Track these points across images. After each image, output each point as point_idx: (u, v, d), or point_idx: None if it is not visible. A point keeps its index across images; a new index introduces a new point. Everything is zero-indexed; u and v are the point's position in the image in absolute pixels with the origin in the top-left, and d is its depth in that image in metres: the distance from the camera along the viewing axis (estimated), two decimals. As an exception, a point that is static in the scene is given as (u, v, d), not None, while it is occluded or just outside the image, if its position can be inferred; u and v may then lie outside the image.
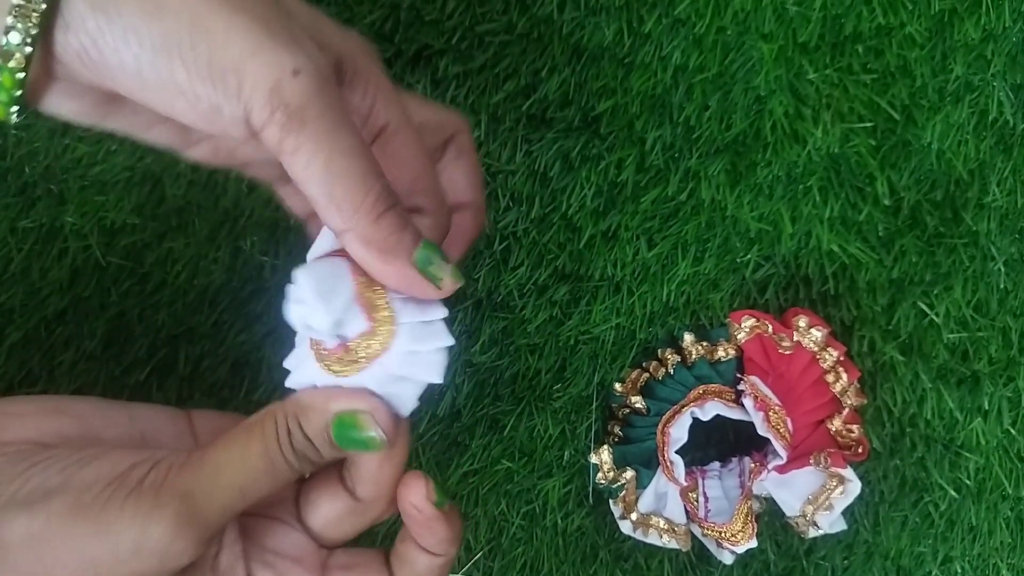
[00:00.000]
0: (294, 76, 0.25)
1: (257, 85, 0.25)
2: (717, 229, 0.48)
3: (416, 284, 0.29)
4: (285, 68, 0.25)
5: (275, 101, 0.25)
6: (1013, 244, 0.49)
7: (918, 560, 0.52)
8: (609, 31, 0.46)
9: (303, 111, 0.25)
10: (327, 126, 0.26)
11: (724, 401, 0.47)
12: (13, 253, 0.46)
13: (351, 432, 0.30)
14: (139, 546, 0.28)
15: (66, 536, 0.28)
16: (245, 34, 0.25)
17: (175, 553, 0.28)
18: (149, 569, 0.28)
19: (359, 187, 0.26)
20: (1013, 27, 0.47)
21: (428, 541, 0.32)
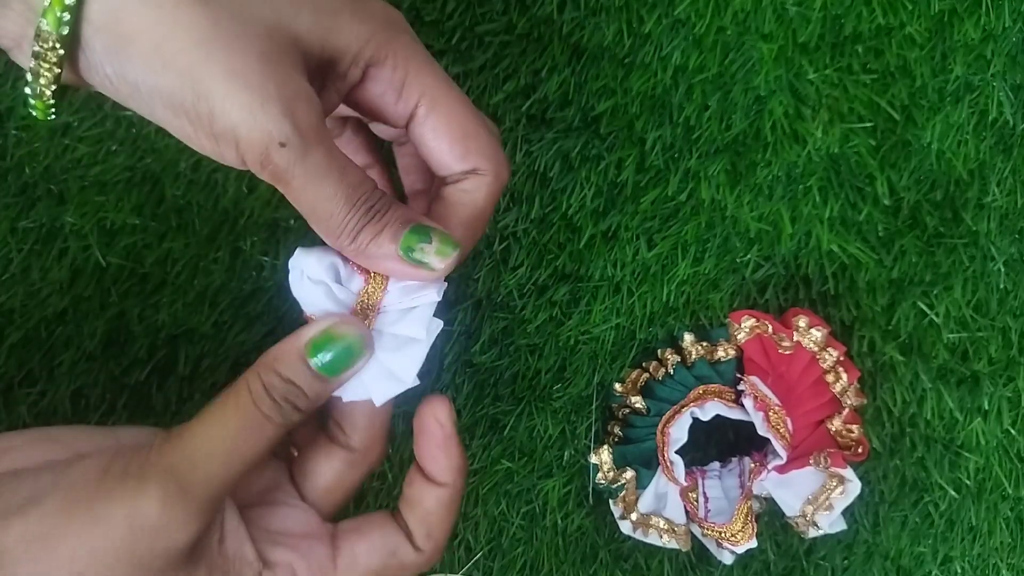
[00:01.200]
0: (280, 147, 0.28)
1: (249, 149, 0.28)
2: (717, 229, 0.48)
3: (409, 273, 0.32)
4: (273, 139, 0.28)
5: (264, 163, 0.28)
6: (1013, 244, 0.49)
7: (918, 560, 0.52)
8: (609, 31, 0.46)
9: (287, 174, 0.29)
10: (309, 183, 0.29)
11: (724, 401, 0.47)
12: (13, 253, 0.46)
13: (328, 347, 0.31)
14: (131, 526, 0.29)
15: (61, 532, 0.29)
16: (240, 102, 0.28)
17: (168, 527, 0.29)
18: (147, 549, 0.29)
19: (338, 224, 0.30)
20: (1013, 27, 0.47)
21: (440, 464, 0.33)
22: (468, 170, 0.33)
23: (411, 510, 0.34)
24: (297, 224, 0.47)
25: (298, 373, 0.31)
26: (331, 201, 0.30)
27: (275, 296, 0.48)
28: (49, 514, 0.29)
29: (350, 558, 0.33)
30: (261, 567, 0.32)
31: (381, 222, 0.31)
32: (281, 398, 0.31)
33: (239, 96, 0.27)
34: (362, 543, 0.34)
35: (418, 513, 0.34)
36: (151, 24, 0.27)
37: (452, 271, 0.32)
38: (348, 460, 0.34)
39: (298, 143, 0.28)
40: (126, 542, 0.29)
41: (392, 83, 0.32)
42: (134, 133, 0.46)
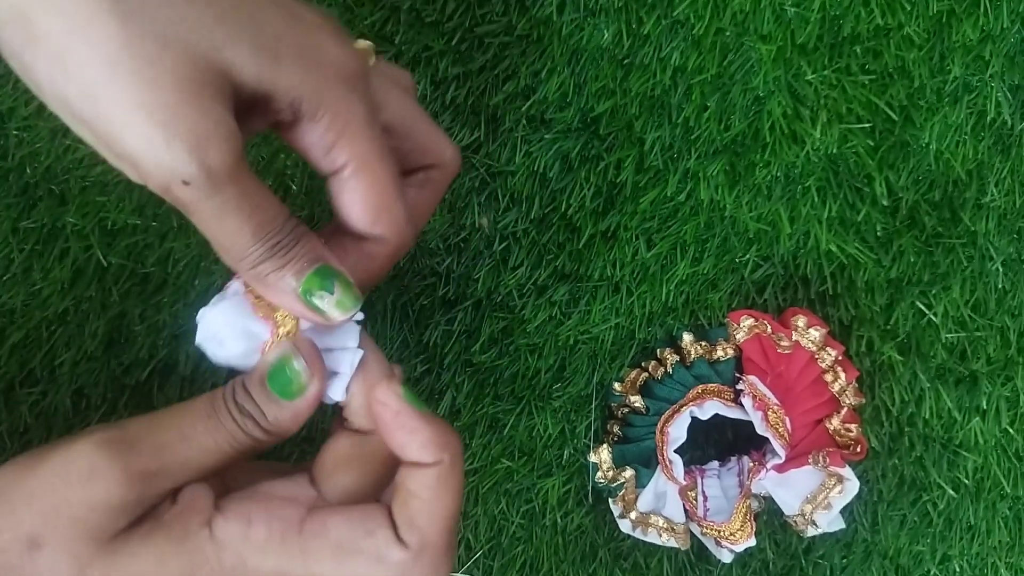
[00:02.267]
0: (184, 184, 0.27)
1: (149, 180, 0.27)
2: (716, 229, 0.48)
3: (305, 315, 0.31)
4: (176, 177, 0.27)
5: (166, 193, 0.28)
6: (1011, 244, 0.49)
7: (916, 559, 0.52)
8: (608, 32, 0.46)
9: (189, 207, 0.28)
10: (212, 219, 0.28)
11: (723, 400, 0.47)
12: (14, 253, 0.46)
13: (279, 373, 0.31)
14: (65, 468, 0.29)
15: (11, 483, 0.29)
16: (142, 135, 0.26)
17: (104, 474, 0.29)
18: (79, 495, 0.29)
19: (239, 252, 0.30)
20: (1011, 28, 0.47)
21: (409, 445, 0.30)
22: (373, 236, 0.33)
23: (395, 496, 0.31)
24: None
25: (256, 388, 0.31)
26: (235, 235, 0.29)
27: (276, 296, 0.48)
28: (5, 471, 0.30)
29: (319, 525, 0.30)
30: (212, 514, 0.30)
31: (285, 258, 0.30)
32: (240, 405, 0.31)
33: (141, 128, 0.26)
34: (337, 515, 0.31)
35: (400, 496, 0.31)
36: (60, 31, 0.25)
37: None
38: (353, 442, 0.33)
39: (203, 183, 0.27)
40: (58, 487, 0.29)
41: (322, 140, 0.31)
42: (135, 134, 0.46)
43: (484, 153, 0.47)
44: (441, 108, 0.47)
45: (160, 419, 0.30)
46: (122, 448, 0.29)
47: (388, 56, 0.46)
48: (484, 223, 0.48)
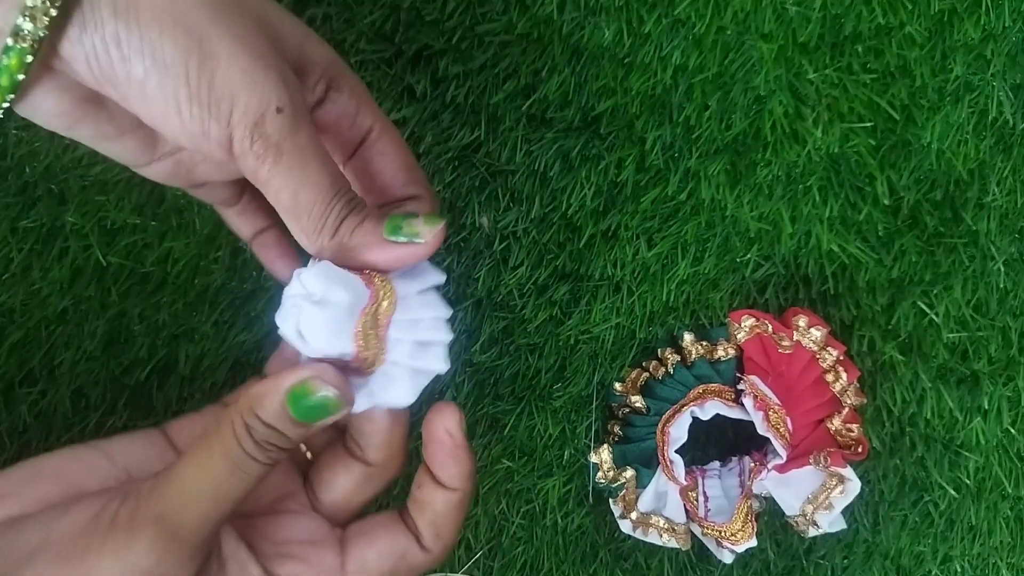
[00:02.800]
0: (277, 113, 0.28)
1: (244, 114, 0.28)
2: (717, 229, 0.48)
3: (402, 255, 0.31)
4: (269, 103, 0.28)
5: (256, 132, 0.28)
6: (1013, 244, 0.49)
7: (918, 559, 0.52)
8: (609, 31, 0.46)
9: (279, 146, 0.28)
10: (297, 161, 0.29)
11: (724, 400, 0.47)
12: (14, 253, 0.46)
13: (306, 400, 0.30)
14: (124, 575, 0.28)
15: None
16: (242, 63, 0.28)
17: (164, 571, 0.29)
18: None
19: (319, 214, 0.30)
20: (1013, 27, 0.47)
21: (450, 472, 0.33)
22: (407, 196, 0.34)
23: (420, 512, 0.34)
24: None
25: (278, 418, 0.30)
26: (317, 186, 0.29)
27: (275, 296, 0.48)
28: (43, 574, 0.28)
29: (359, 563, 0.33)
30: None
31: (362, 212, 0.30)
32: (263, 440, 0.30)
33: (242, 59, 0.27)
34: (371, 548, 0.33)
35: (427, 515, 0.34)
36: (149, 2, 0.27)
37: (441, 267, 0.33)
38: (366, 473, 0.34)
39: (292, 112, 0.28)
40: None
41: (348, 109, 0.33)
42: (134, 133, 0.46)
43: (484, 152, 0.47)
44: (441, 107, 0.47)
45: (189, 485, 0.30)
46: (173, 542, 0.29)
47: (388, 55, 0.46)
48: (484, 222, 0.48)
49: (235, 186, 0.38)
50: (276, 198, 0.29)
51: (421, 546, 0.34)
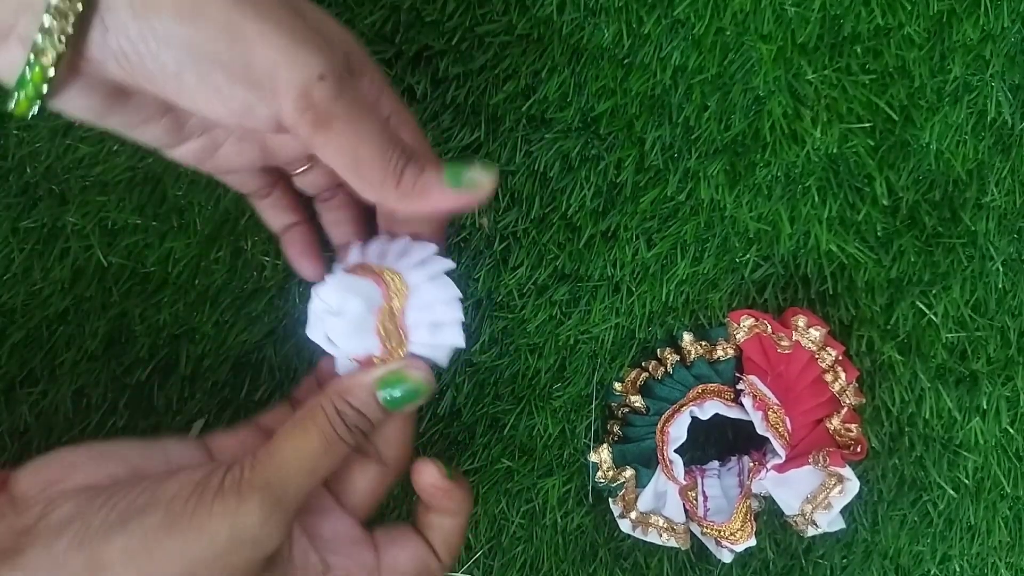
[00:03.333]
0: (320, 80, 0.28)
1: (289, 89, 0.28)
2: (716, 229, 0.48)
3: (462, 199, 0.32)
4: (312, 73, 0.28)
5: (304, 104, 0.28)
6: (1011, 244, 0.49)
7: (917, 559, 0.52)
8: (608, 32, 0.46)
9: (329, 112, 0.29)
10: (350, 123, 0.29)
11: (723, 400, 0.47)
12: (15, 253, 0.46)
13: (397, 386, 0.35)
14: (234, 537, 0.31)
15: (164, 545, 0.30)
16: (275, 40, 0.28)
17: (266, 537, 0.32)
18: (243, 559, 0.31)
19: (381, 166, 0.30)
20: (1011, 28, 0.47)
21: (449, 507, 0.37)
22: None
23: (431, 531, 0.38)
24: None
25: (367, 405, 0.35)
26: (372, 142, 0.30)
27: (276, 296, 0.48)
28: (151, 528, 0.31)
29: (392, 564, 0.37)
30: (324, 569, 0.35)
31: (420, 162, 0.31)
32: (352, 424, 0.34)
33: (275, 37, 0.27)
34: (402, 553, 0.37)
35: (438, 535, 0.38)
36: None
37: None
38: (380, 472, 0.38)
39: (335, 77, 0.28)
40: (226, 552, 0.31)
41: (369, 95, 0.33)
42: (135, 133, 0.46)
43: (484, 153, 0.47)
44: (441, 107, 0.47)
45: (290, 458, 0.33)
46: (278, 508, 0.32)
47: (388, 56, 0.46)
48: (484, 223, 0.48)
49: (265, 176, 0.39)
50: (336, 160, 0.30)
51: (436, 556, 0.38)
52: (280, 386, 0.48)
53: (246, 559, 0.31)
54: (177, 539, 0.31)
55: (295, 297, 0.48)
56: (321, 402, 0.35)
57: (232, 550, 0.31)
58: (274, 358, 0.48)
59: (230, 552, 0.31)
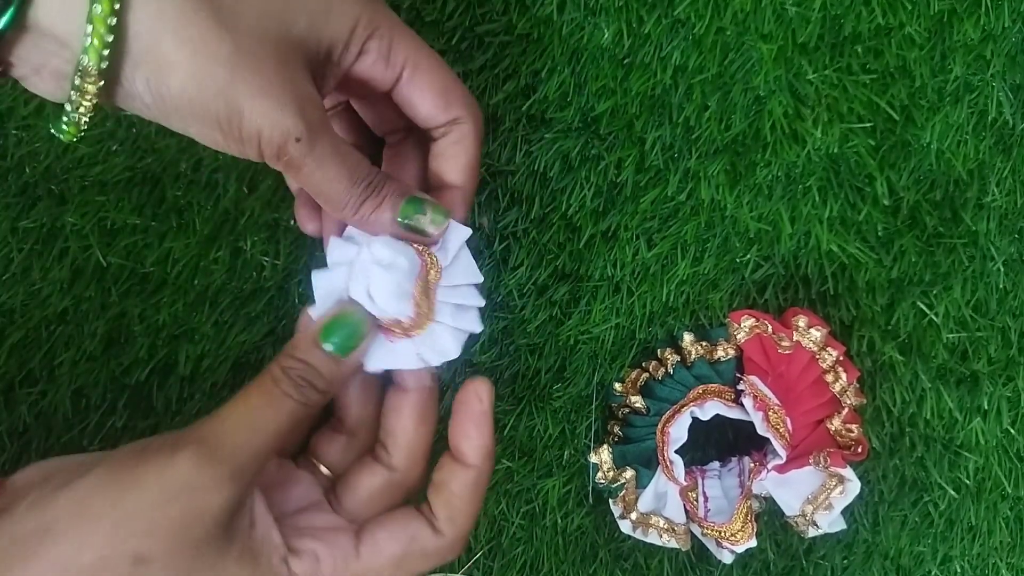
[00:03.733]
0: (296, 141, 0.33)
1: (269, 146, 0.33)
2: (716, 229, 0.48)
3: (407, 236, 0.37)
4: (289, 136, 0.33)
5: (281, 155, 0.34)
6: (1012, 244, 0.49)
7: (917, 559, 0.52)
8: (609, 31, 0.46)
9: (299, 162, 0.34)
10: (317, 168, 0.34)
11: (724, 401, 0.47)
12: (14, 253, 0.46)
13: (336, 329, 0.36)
14: (165, 486, 0.31)
15: (102, 499, 0.31)
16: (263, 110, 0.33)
17: (200, 487, 0.31)
18: (181, 511, 0.31)
19: (343, 200, 0.36)
20: (1012, 27, 0.47)
21: (472, 443, 0.36)
22: (451, 120, 0.38)
23: (437, 493, 0.37)
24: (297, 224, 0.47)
25: (312, 354, 0.35)
26: (335, 182, 0.35)
27: (275, 296, 0.48)
28: (91, 485, 0.31)
29: (372, 546, 0.35)
30: (286, 552, 0.34)
31: (380, 196, 0.36)
32: (298, 377, 0.35)
33: (262, 105, 0.32)
34: (382, 531, 0.36)
35: (443, 495, 0.36)
36: (187, 57, 0.31)
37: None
38: (388, 479, 0.37)
39: (308, 137, 0.33)
40: (161, 503, 0.31)
41: (380, 52, 0.36)
42: (135, 133, 0.46)
43: (484, 152, 0.47)
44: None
45: (229, 416, 0.34)
46: (212, 458, 0.32)
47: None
48: (484, 223, 0.48)
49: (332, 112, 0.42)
50: (306, 189, 0.36)
51: (434, 529, 0.36)
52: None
53: (183, 511, 0.31)
54: (113, 492, 0.31)
55: (295, 298, 0.48)
56: (270, 365, 0.35)
57: (166, 500, 0.31)
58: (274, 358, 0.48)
59: (164, 503, 0.31)
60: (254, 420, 0.33)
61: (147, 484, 0.31)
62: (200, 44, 0.31)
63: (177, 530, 0.31)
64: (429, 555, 0.36)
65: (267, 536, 0.34)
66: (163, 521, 0.31)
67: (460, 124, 0.38)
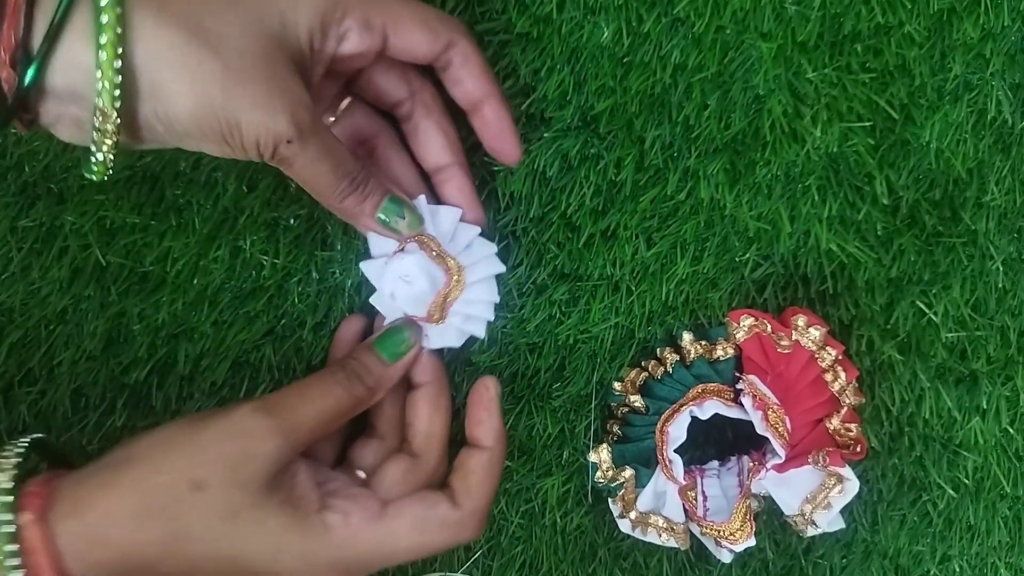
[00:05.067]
0: (287, 143, 0.37)
1: (266, 149, 0.37)
2: (716, 228, 0.48)
3: (383, 233, 0.43)
4: (282, 139, 0.37)
5: (275, 155, 0.38)
6: (1011, 243, 0.49)
7: (916, 559, 0.52)
8: (608, 30, 0.46)
9: (290, 160, 0.38)
10: (307, 167, 0.39)
11: (723, 400, 0.47)
12: (13, 252, 0.46)
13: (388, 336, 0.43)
14: (228, 426, 0.38)
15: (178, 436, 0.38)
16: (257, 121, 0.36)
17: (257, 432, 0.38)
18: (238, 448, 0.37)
19: (329, 190, 0.40)
20: (1012, 26, 0.47)
21: (484, 426, 0.43)
22: (445, 45, 0.41)
23: (456, 471, 0.43)
24: (297, 224, 0.47)
25: (365, 355, 0.42)
26: (323, 176, 0.39)
27: (275, 295, 0.48)
28: (170, 428, 0.39)
29: (396, 509, 0.40)
30: (322, 505, 0.39)
31: (362, 193, 0.41)
32: (351, 370, 0.41)
33: (256, 116, 0.36)
34: (406, 499, 0.41)
35: (460, 472, 0.43)
36: (186, 85, 0.35)
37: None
38: (409, 463, 0.43)
39: (299, 138, 0.37)
40: (221, 440, 0.38)
41: (360, 26, 0.39)
42: (133, 132, 0.46)
43: (483, 152, 0.47)
44: (440, 107, 0.47)
45: (289, 389, 0.40)
46: (270, 412, 0.38)
47: (387, 54, 0.46)
48: (483, 222, 0.48)
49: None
50: (301, 184, 0.40)
51: (453, 502, 0.41)
52: (279, 385, 0.48)
53: (239, 450, 0.37)
54: (186, 431, 0.38)
55: (294, 297, 0.48)
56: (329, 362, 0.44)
57: (226, 439, 0.38)
58: (273, 357, 0.48)
59: (224, 440, 0.38)
60: (308, 394, 0.40)
61: (212, 426, 0.38)
62: (196, 71, 0.35)
63: (231, 465, 0.37)
64: (449, 524, 0.41)
65: (306, 494, 0.39)
66: (220, 456, 0.37)
67: (456, 46, 0.41)
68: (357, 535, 0.39)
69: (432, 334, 0.44)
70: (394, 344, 0.43)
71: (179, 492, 0.37)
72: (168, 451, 0.38)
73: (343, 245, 0.47)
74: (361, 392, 0.41)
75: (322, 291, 0.48)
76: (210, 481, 0.37)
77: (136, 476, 0.37)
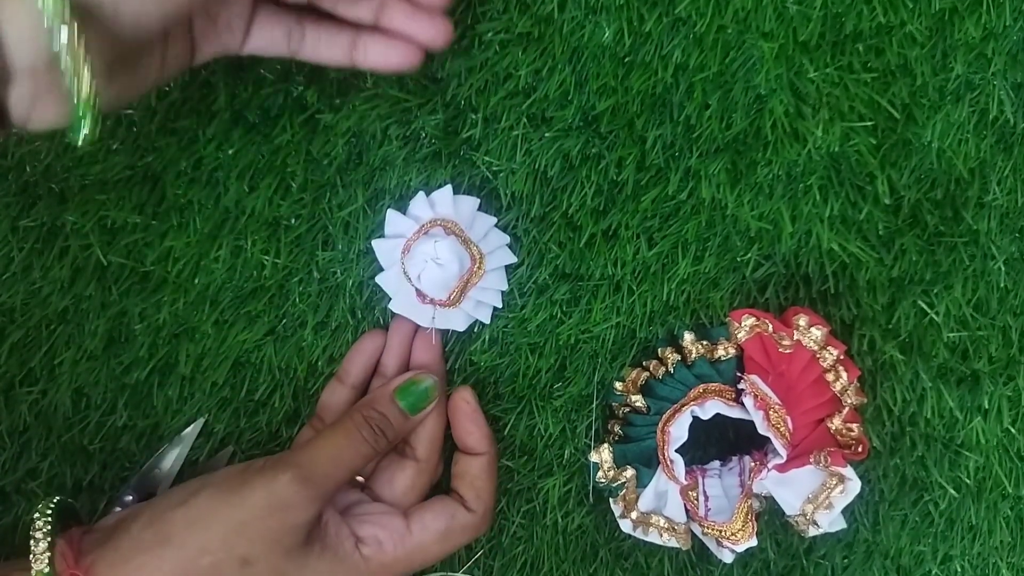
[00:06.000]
0: None
1: None
2: (717, 228, 0.48)
3: None
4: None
5: None
6: (1013, 243, 0.49)
7: (918, 559, 0.52)
8: (609, 30, 0.46)
9: None
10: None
11: (724, 400, 0.47)
12: (14, 252, 0.46)
13: (410, 391, 0.45)
14: (269, 503, 0.39)
15: (214, 514, 0.39)
16: None
17: (297, 504, 0.39)
18: (280, 523, 0.39)
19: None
20: (1014, 26, 0.47)
21: (473, 436, 0.46)
22: None
23: (460, 480, 0.46)
24: (298, 223, 0.47)
25: (388, 408, 0.44)
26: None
27: (276, 295, 0.48)
28: (204, 502, 0.39)
29: (420, 524, 0.44)
30: (356, 540, 0.42)
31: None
32: (376, 426, 0.43)
33: None
34: (427, 513, 0.44)
35: (466, 480, 0.46)
36: None
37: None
38: (416, 468, 0.45)
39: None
40: (264, 516, 0.39)
41: None
42: (135, 132, 0.46)
43: (484, 151, 0.47)
44: (441, 106, 0.47)
45: (320, 449, 0.42)
46: (306, 483, 0.40)
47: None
48: (485, 222, 0.48)
49: None
50: None
51: (467, 508, 0.45)
52: (280, 386, 0.48)
53: (281, 523, 0.39)
54: (225, 507, 0.39)
55: (295, 296, 0.48)
56: (352, 411, 0.44)
57: (269, 514, 0.39)
58: (274, 357, 0.48)
59: (267, 515, 0.39)
60: (339, 456, 0.42)
61: (253, 501, 0.39)
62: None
63: (276, 538, 0.39)
64: (468, 528, 0.45)
65: (339, 531, 0.42)
66: (265, 531, 0.39)
67: None
68: (393, 558, 0.43)
69: (439, 316, 0.46)
70: (418, 399, 0.45)
71: (230, 571, 0.38)
72: (208, 530, 0.39)
73: (344, 245, 0.47)
74: (383, 445, 0.43)
75: (323, 291, 0.48)
76: (258, 555, 0.39)
77: (182, 558, 0.38)
